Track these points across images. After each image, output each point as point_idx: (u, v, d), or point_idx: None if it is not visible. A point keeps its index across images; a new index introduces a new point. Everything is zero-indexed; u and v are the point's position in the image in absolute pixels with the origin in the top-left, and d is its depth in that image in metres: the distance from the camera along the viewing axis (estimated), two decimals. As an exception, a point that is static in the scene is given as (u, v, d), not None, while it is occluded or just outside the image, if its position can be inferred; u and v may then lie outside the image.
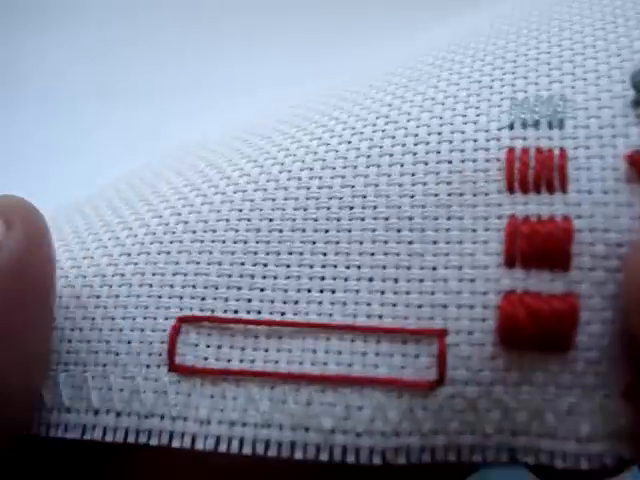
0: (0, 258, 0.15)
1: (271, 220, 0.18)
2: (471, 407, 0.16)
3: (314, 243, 0.17)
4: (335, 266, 0.17)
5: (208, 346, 0.17)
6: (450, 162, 0.17)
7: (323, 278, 0.17)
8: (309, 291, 0.17)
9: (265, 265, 0.17)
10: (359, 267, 0.17)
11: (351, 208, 0.17)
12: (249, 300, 0.17)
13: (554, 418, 0.16)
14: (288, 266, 0.17)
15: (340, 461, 0.16)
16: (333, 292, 0.17)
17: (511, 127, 0.17)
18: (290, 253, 0.17)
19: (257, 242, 0.17)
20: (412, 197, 0.17)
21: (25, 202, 0.17)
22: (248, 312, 0.17)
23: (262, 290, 0.17)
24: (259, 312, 0.17)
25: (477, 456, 0.16)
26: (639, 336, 0.15)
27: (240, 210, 0.18)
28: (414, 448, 0.16)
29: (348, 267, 0.17)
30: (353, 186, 0.17)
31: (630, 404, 0.16)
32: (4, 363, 0.16)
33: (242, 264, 0.17)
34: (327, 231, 0.17)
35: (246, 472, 0.17)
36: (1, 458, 0.17)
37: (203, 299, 0.17)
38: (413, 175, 0.17)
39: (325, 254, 0.17)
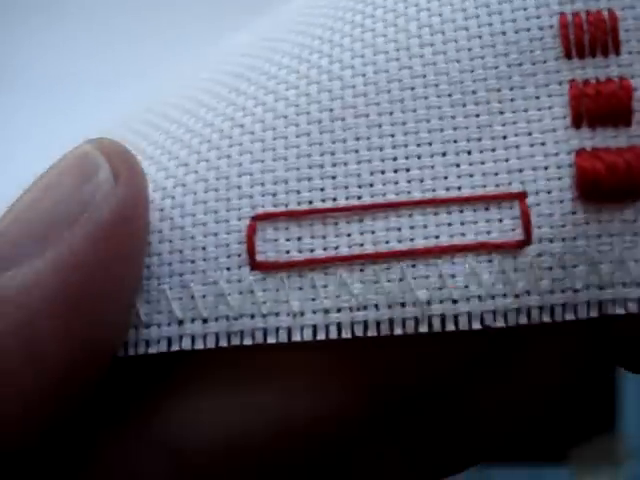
0: (109, 205, 0.16)
1: (331, 110, 0.17)
2: (559, 263, 0.16)
3: (380, 126, 0.17)
4: (406, 145, 0.17)
5: (288, 240, 0.17)
6: (504, 34, 0.17)
7: (395, 158, 0.17)
8: (383, 172, 0.17)
9: (332, 154, 0.17)
10: (430, 144, 0.17)
11: (412, 89, 0.17)
12: (322, 189, 0.17)
13: (635, 266, 0.17)
14: (357, 151, 0.17)
15: (440, 330, 0.16)
16: (408, 170, 0.17)
17: None
18: (357, 139, 0.17)
19: (321, 133, 0.17)
20: (472, 72, 0.17)
21: (128, 150, 0.17)
22: (323, 200, 0.17)
23: (334, 177, 0.17)
24: (334, 199, 0.17)
25: (569, 314, 0.16)
26: None
27: (297, 105, 0.18)
28: (510, 310, 0.16)
29: (419, 145, 0.17)
30: (411, 67, 0.17)
31: None
32: (103, 298, 0.16)
33: (309, 156, 0.17)
34: (392, 113, 0.17)
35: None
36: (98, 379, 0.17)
37: (274, 195, 0.17)
38: (470, 50, 0.17)
39: (393, 135, 0.17)
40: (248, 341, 0.17)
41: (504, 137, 0.17)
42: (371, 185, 0.17)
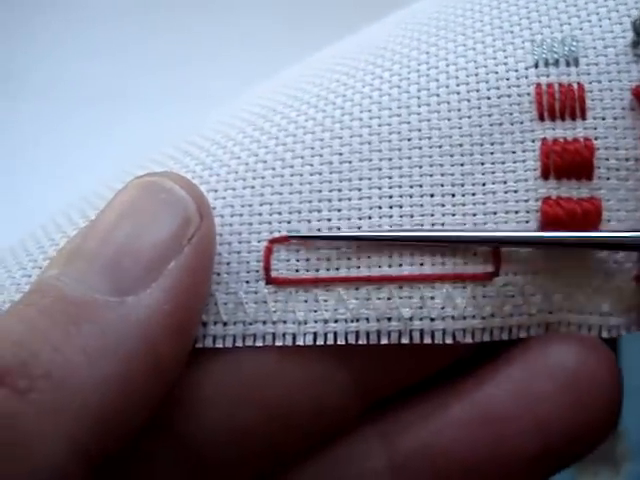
0: (203, 237, 0.19)
1: (341, 154, 0.21)
2: (520, 292, 0.20)
3: (380, 170, 0.21)
4: (400, 186, 0.20)
5: (298, 260, 0.20)
6: (489, 98, 0.21)
7: (391, 197, 0.20)
8: (380, 208, 0.20)
9: (340, 190, 0.21)
10: (421, 186, 0.20)
11: (409, 140, 0.21)
12: (329, 219, 0.20)
13: (583, 297, 0.20)
14: (359, 189, 0.20)
15: (419, 342, 0.20)
16: (401, 207, 0.20)
17: (536, 66, 0.21)
18: (360, 179, 0.21)
19: (330, 173, 0.21)
20: (460, 128, 0.20)
21: (196, 184, 0.20)
22: (329, 229, 0.20)
23: (339, 210, 0.20)
24: (339, 228, 0.20)
25: (523, 333, 0.20)
26: None
27: (312, 148, 0.21)
28: (477, 329, 0.20)
29: (412, 186, 0.20)
30: (409, 122, 0.21)
31: None
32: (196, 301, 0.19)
33: (319, 191, 0.21)
34: (391, 159, 0.21)
35: None
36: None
37: (289, 222, 0.21)
38: (459, 111, 0.21)
39: (391, 177, 0.20)
40: (259, 343, 0.20)
41: (483, 184, 0.20)
42: (369, 218, 0.20)
